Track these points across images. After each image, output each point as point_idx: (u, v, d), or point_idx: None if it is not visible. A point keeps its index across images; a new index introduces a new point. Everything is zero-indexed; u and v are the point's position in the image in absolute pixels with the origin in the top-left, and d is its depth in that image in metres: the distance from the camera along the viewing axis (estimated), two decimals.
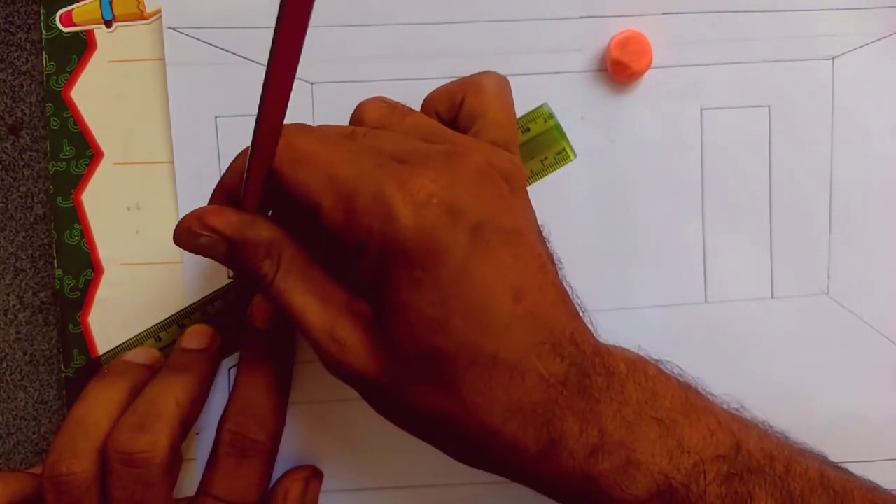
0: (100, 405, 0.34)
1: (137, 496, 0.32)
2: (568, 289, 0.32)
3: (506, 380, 0.29)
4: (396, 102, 0.34)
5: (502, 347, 0.29)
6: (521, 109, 0.39)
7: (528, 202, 0.33)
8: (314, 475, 0.39)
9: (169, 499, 0.33)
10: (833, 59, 0.40)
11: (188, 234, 0.31)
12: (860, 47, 0.40)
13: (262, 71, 0.38)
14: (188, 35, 0.38)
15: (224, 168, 0.38)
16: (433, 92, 0.36)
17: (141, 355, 0.37)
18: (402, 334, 0.30)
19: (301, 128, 0.31)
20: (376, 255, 0.29)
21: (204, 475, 0.35)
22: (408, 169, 0.30)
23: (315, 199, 0.30)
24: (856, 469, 0.34)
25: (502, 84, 0.35)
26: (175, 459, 0.34)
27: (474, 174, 0.30)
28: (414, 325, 0.29)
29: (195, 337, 0.37)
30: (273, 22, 0.38)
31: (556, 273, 0.32)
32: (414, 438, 0.33)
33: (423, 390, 0.30)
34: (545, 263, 0.31)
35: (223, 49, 0.39)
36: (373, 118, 0.34)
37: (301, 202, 0.30)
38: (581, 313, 0.32)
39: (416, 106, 0.35)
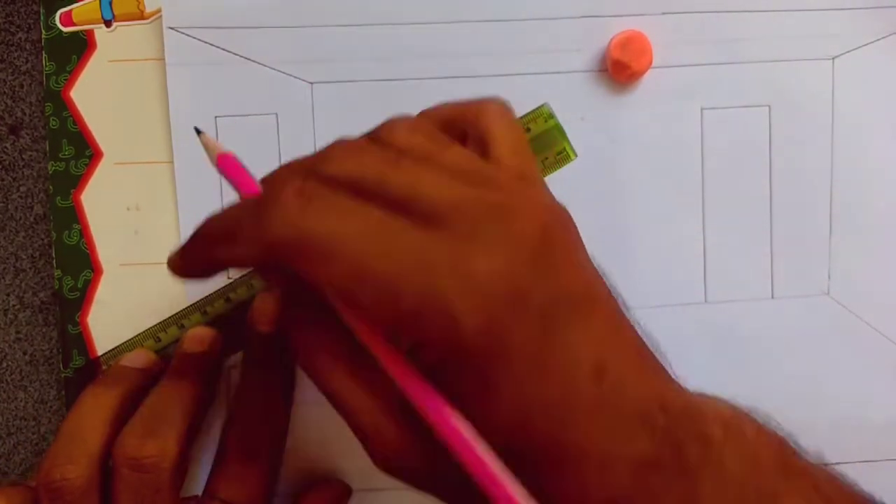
0: (94, 411, 0.34)
1: (147, 501, 0.32)
2: (637, 328, 0.29)
3: (596, 473, 0.26)
4: (435, 130, 0.29)
5: (590, 439, 0.26)
6: (521, 110, 0.39)
7: (580, 242, 0.29)
8: (343, 493, 0.38)
9: (176, 501, 0.33)
10: (833, 58, 0.40)
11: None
12: (860, 47, 0.40)
13: (262, 71, 0.39)
14: (188, 35, 0.38)
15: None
16: (428, 114, 0.31)
17: (136, 359, 0.37)
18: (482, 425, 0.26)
19: (304, 200, 0.26)
20: (435, 359, 0.26)
21: (210, 477, 0.35)
22: (457, 248, 0.25)
23: (351, 297, 0.26)
24: (856, 469, 0.34)
25: (503, 108, 0.31)
26: (183, 463, 0.34)
27: (532, 238, 0.26)
28: (491, 432, 0.26)
29: (195, 340, 0.37)
30: (273, 22, 0.38)
31: (628, 320, 0.28)
32: None
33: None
34: (618, 319, 0.28)
35: (223, 49, 0.39)
36: (405, 145, 0.28)
37: (335, 298, 0.27)
38: (657, 357, 0.29)
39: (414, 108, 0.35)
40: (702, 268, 0.40)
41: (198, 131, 0.33)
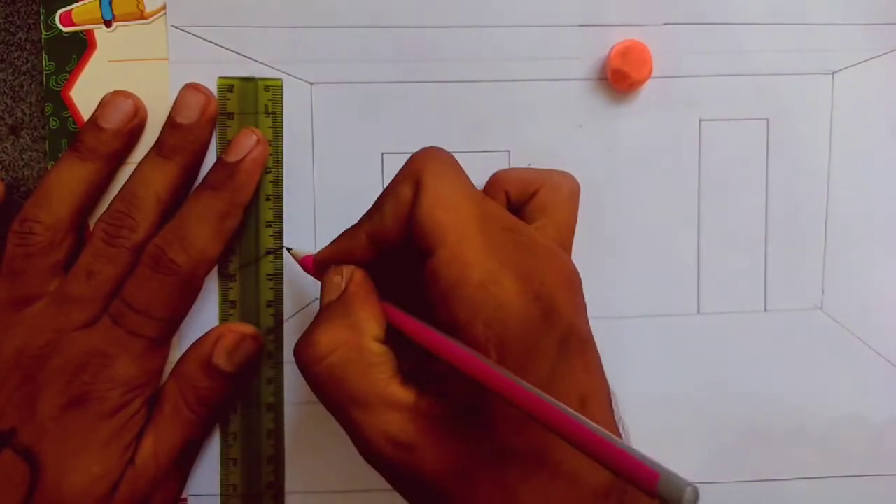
0: (65, 181, 0.37)
1: (25, 267, 0.36)
2: (613, 398, 0.32)
3: (563, 488, 0.29)
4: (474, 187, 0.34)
5: (566, 458, 0.29)
6: (521, 116, 0.39)
7: (585, 302, 0.33)
8: (253, 337, 0.39)
9: (53, 274, 0.37)
10: (833, 73, 0.40)
11: None
12: (861, 63, 0.40)
13: (262, 70, 0.39)
14: (191, 33, 0.38)
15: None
16: (507, 172, 0.36)
17: (120, 110, 0.38)
18: (482, 432, 0.29)
19: (453, 168, 0.32)
20: (477, 335, 0.29)
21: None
22: (522, 258, 0.30)
23: (436, 243, 0.30)
24: (843, 484, 0.34)
25: (575, 190, 0.36)
26: (72, 235, 0.37)
27: (567, 277, 0.31)
28: (497, 424, 0.29)
29: (183, 108, 0.38)
30: (275, 21, 0.38)
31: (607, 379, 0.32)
32: None
33: (481, 491, 0.29)
34: (603, 372, 0.31)
35: (225, 48, 0.39)
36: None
37: (423, 240, 0.30)
38: (618, 422, 0.32)
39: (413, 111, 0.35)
40: (695, 279, 0.40)
41: (288, 249, 0.38)
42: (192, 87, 0.38)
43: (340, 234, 0.34)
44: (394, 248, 0.32)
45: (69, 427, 0.35)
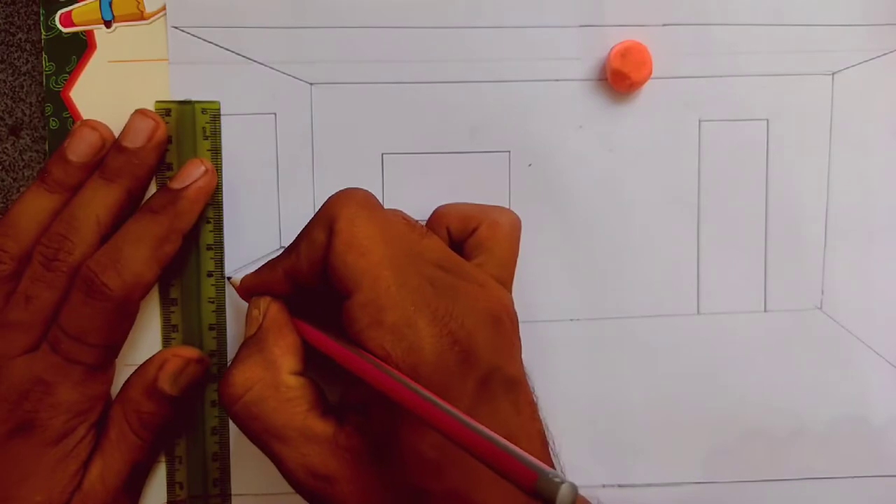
0: (33, 214, 0.36)
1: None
2: (547, 434, 0.33)
3: None
4: (415, 221, 0.35)
5: (489, 498, 0.29)
6: (521, 116, 0.39)
7: (520, 342, 0.34)
8: (198, 361, 0.38)
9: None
10: (833, 74, 0.40)
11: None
12: (860, 63, 0.40)
13: (262, 70, 0.39)
14: (191, 34, 0.38)
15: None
16: (448, 208, 0.36)
17: (85, 142, 0.37)
18: (397, 471, 0.30)
19: (368, 210, 0.32)
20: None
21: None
22: (442, 300, 0.31)
23: (351, 288, 0.30)
24: (843, 484, 0.34)
25: (515, 226, 0.36)
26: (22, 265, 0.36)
27: (492, 319, 0.31)
28: (410, 465, 0.30)
29: (131, 133, 0.37)
30: (275, 22, 0.38)
31: (542, 420, 0.33)
32: None
33: None
34: (536, 411, 0.32)
35: (225, 48, 0.39)
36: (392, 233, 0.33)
37: (337, 283, 0.31)
38: (552, 448, 0.33)
39: (412, 112, 0.35)
40: (695, 279, 0.40)
41: (228, 278, 0.38)
42: (141, 113, 0.37)
43: (263, 265, 0.35)
44: (311, 286, 0.33)
45: (13, 455, 0.35)
